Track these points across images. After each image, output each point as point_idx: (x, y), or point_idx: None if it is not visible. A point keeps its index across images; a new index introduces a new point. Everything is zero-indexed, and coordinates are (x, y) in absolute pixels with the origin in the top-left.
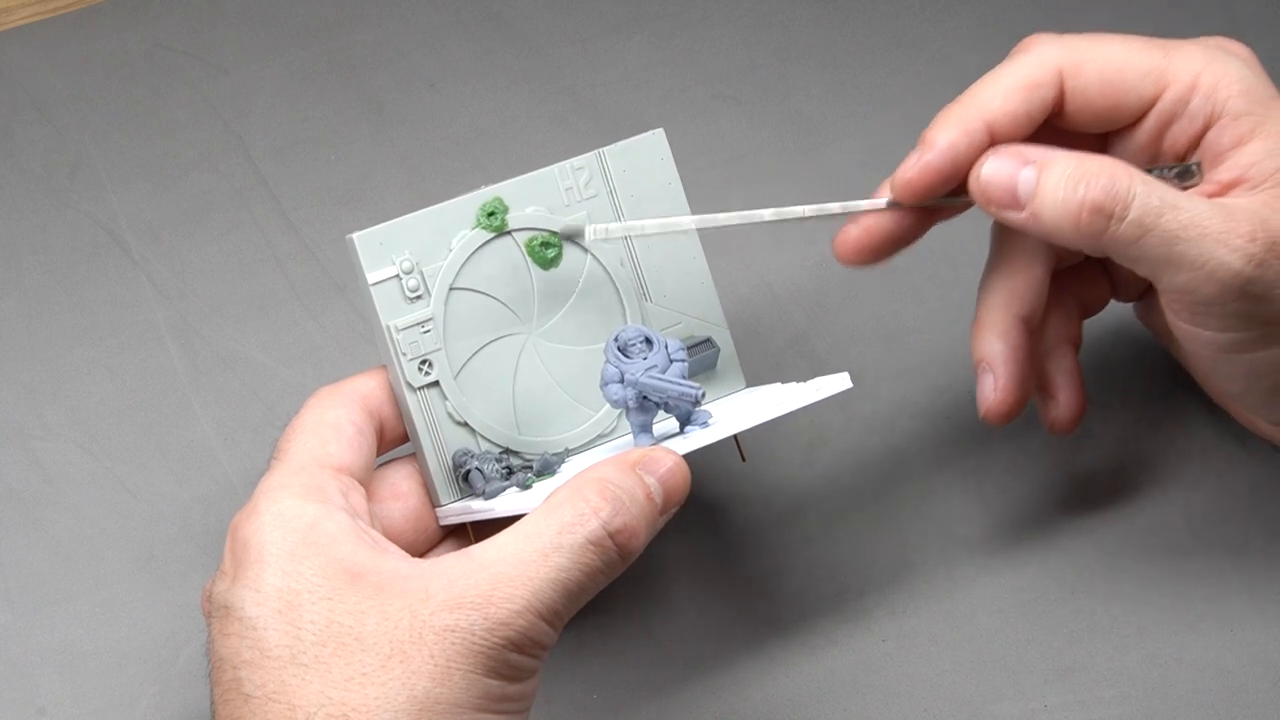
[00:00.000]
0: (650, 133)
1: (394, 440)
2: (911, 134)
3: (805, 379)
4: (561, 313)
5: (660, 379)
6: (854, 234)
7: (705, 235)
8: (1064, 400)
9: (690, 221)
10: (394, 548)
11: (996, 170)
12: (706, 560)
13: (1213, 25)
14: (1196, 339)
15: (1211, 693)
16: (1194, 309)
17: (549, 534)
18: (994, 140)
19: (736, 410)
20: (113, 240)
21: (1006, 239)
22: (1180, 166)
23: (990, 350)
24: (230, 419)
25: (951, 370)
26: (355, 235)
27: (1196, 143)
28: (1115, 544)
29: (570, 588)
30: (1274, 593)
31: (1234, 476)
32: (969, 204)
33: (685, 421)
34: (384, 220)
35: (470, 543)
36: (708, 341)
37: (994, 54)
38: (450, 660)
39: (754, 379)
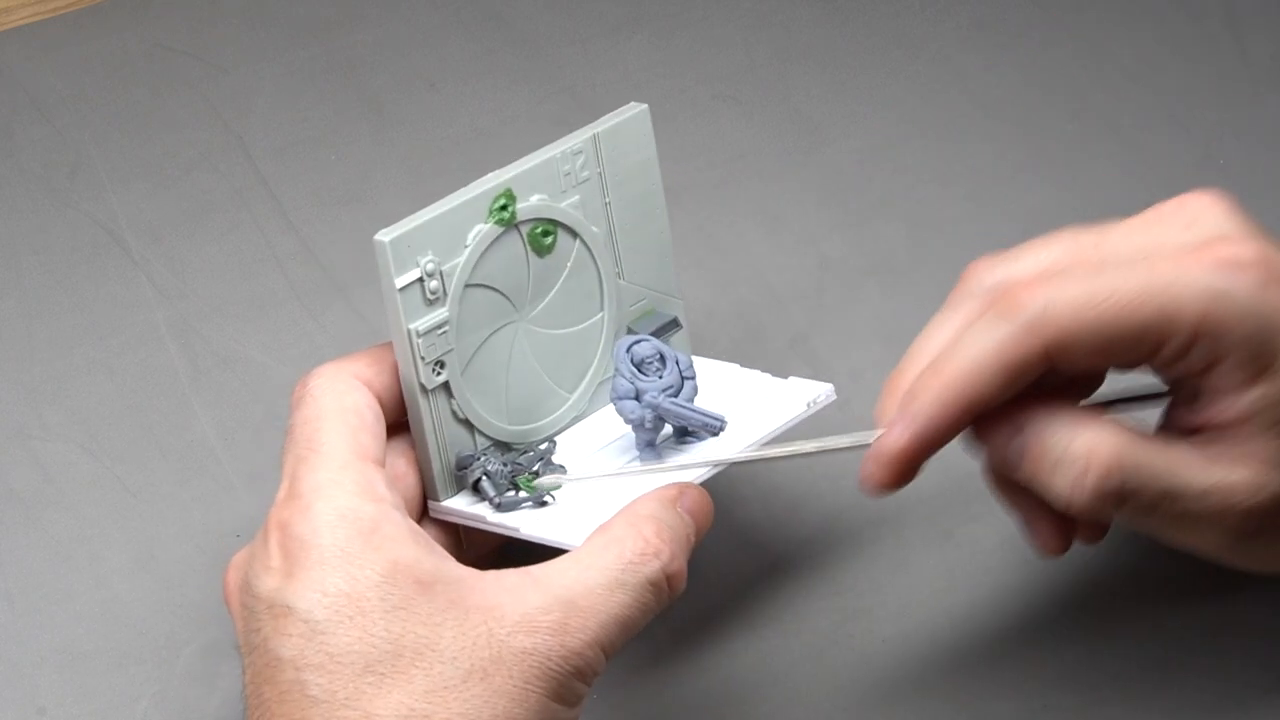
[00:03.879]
0: (636, 109)
1: (389, 423)
2: (912, 134)
3: (803, 378)
4: (549, 297)
5: (686, 407)
6: (878, 474)
7: (701, 232)
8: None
9: (725, 458)
10: (442, 549)
11: (989, 453)
12: (705, 560)
13: (1212, 25)
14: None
15: (1211, 693)
16: (1214, 550)
17: (614, 569)
18: (975, 416)
19: (729, 420)
20: (113, 240)
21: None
22: (1153, 390)
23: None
24: (230, 419)
25: None
26: (386, 239)
27: (1194, 379)
28: (1116, 543)
29: (628, 624)
30: (1274, 593)
31: None
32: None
33: (686, 431)
34: (384, 221)
35: (458, 539)
36: (674, 321)
37: (994, 54)
38: (528, 682)
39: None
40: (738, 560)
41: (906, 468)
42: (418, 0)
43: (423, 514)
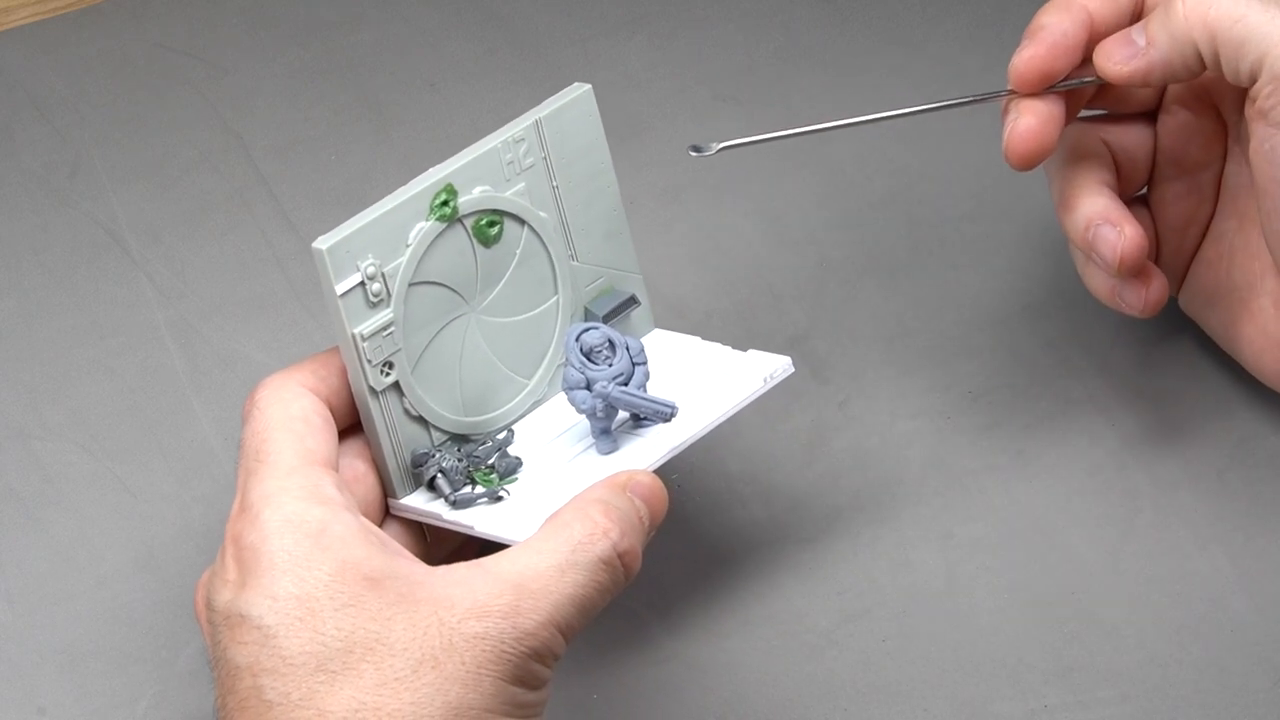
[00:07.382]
0: (578, 90)
1: (342, 426)
2: (911, 134)
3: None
4: (499, 286)
5: (635, 395)
6: (1022, 129)
7: (701, 232)
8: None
9: (810, 126)
10: (397, 545)
11: (1112, 40)
12: (705, 560)
13: None
14: None
15: (1211, 693)
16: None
17: (564, 551)
18: (1094, 28)
19: (680, 392)
20: (113, 240)
21: (1070, 147)
22: None
23: (1094, 207)
24: (230, 419)
25: (951, 370)
26: (323, 246)
27: None
28: (1115, 543)
29: (584, 604)
30: (1274, 593)
31: (1235, 476)
32: (1095, 82)
33: (640, 416)
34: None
35: (423, 535)
36: (631, 299)
37: (994, 54)
38: (481, 667)
39: None
40: (737, 559)
41: (1035, 79)
42: (418, 0)
43: (386, 513)
